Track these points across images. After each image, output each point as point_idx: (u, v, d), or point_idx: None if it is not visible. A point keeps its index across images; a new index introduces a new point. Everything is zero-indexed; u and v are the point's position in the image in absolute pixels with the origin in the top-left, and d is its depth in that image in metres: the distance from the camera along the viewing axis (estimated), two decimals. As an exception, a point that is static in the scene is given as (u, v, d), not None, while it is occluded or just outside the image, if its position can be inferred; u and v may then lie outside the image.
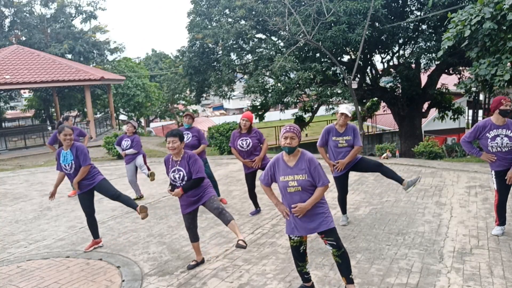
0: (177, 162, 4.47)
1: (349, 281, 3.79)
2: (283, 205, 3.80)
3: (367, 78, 17.55)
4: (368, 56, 16.74)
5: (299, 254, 3.83)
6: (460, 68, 16.13)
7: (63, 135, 5.13)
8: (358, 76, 16.76)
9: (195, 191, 4.51)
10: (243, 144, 6.34)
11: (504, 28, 7.72)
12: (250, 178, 6.55)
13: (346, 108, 5.46)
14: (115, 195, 5.38)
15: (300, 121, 18.45)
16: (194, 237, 4.69)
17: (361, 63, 15.88)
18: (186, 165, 4.43)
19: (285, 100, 14.93)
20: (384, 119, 26.94)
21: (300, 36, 13.55)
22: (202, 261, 4.80)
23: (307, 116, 18.34)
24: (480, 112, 19.80)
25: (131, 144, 7.74)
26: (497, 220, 5.15)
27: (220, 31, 16.28)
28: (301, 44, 13.81)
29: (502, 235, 5.08)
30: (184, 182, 4.45)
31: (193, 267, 4.71)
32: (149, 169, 8.02)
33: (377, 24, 14.29)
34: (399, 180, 5.53)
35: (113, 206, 7.49)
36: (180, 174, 4.44)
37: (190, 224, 4.66)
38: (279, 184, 3.77)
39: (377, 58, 17.72)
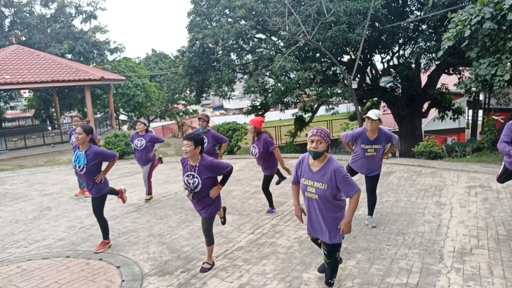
0: (193, 167, 4.37)
1: (328, 283, 3.89)
2: (299, 211, 3.84)
3: (367, 78, 17.55)
4: (368, 56, 16.74)
5: (318, 244, 4.04)
6: (460, 68, 16.12)
7: (75, 132, 5.21)
8: (358, 76, 16.76)
9: (202, 203, 4.47)
10: (252, 151, 6.27)
11: (504, 28, 7.72)
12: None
13: (373, 112, 5.26)
14: (98, 215, 5.38)
15: (300, 121, 18.47)
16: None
17: (361, 63, 15.87)
18: (205, 172, 4.33)
19: (285, 100, 14.93)
20: (384, 119, 26.89)
21: (300, 36, 13.55)
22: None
23: (307, 116, 18.35)
24: (480, 112, 19.77)
25: (145, 143, 7.34)
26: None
27: (220, 31, 16.28)
28: (301, 44, 13.81)
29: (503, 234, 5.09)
30: (197, 190, 4.37)
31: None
32: (150, 191, 7.79)
33: (377, 24, 14.29)
34: (370, 212, 5.76)
35: (113, 206, 7.49)
36: (194, 181, 4.36)
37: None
38: (300, 185, 3.75)
39: (377, 58, 17.73)
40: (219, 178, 4.58)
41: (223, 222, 5.24)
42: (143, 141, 7.39)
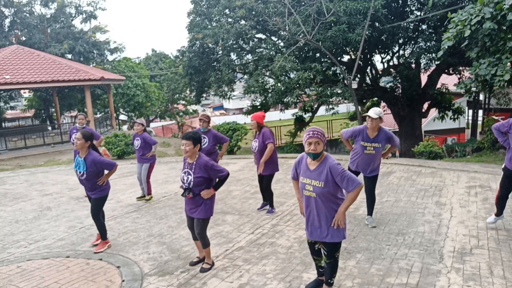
0: (190, 165, 4.44)
1: (328, 283, 3.88)
2: (302, 204, 3.86)
3: (367, 78, 17.54)
4: (368, 56, 16.73)
5: (314, 251, 3.95)
6: (460, 68, 16.11)
7: (75, 138, 5.18)
8: (358, 76, 16.75)
9: (194, 202, 4.48)
10: (252, 146, 6.35)
11: (504, 28, 7.72)
12: (259, 178, 6.64)
13: (373, 110, 5.24)
14: (96, 216, 5.38)
15: (300, 121, 18.46)
16: (194, 236, 4.73)
17: (361, 63, 15.87)
18: (199, 171, 4.36)
19: (285, 100, 14.93)
20: (384, 119, 26.86)
21: (300, 36, 13.54)
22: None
23: (307, 116, 18.34)
24: (480, 112, 19.76)
25: (140, 143, 7.48)
26: (496, 211, 5.28)
27: (220, 31, 16.28)
28: (301, 44, 13.80)
29: (501, 233, 5.09)
30: (190, 186, 4.41)
31: (195, 263, 4.77)
32: (150, 191, 7.79)
33: (377, 24, 14.28)
34: (370, 212, 5.72)
35: (113, 206, 7.49)
36: (188, 178, 4.42)
37: (190, 225, 4.71)
38: (299, 183, 3.78)
39: (377, 58, 17.72)
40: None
41: (195, 263, 4.81)
42: (139, 140, 7.59)
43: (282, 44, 16.22)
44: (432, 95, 16.71)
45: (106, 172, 5.36)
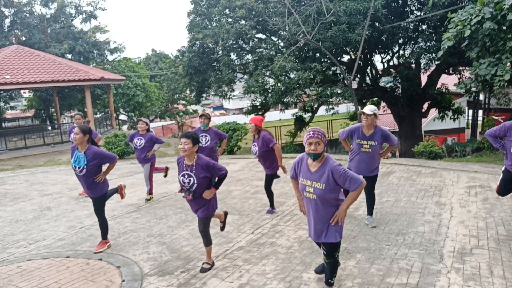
0: (189, 166, 4.37)
1: (328, 283, 3.88)
2: (303, 202, 3.87)
3: (367, 78, 17.54)
4: (368, 56, 16.73)
5: (318, 243, 4.01)
6: (460, 68, 16.12)
7: (73, 133, 5.15)
8: (358, 76, 16.76)
9: (198, 203, 4.48)
10: (253, 150, 6.30)
11: (504, 28, 7.72)
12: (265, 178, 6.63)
13: (368, 107, 5.24)
14: (99, 214, 5.39)
15: (300, 121, 18.47)
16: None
17: (361, 63, 15.87)
18: (201, 171, 4.32)
19: (285, 100, 14.93)
20: (384, 119, 26.92)
21: (300, 36, 13.55)
22: (224, 222, 5.05)
23: (307, 116, 18.35)
24: (480, 112, 19.77)
25: (145, 143, 7.35)
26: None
27: (220, 31, 16.29)
28: (301, 44, 13.80)
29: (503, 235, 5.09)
30: (192, 189, 4.36)
31: (222, 228, 5.10)
32: (151, 191, 7.77)
33: (377, 24, 14.29)
34: (370, 212, 5.73)
35: (113, 206, 7.49)
36: (190, 180, 4.35)
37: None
38: (299, 184, 3.77)
39: (377, 58, 17.73)
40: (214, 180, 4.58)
41: (222, 228, 5.19)
42: (142, 140, 7.43)
43: (282, 44, 16.23)
44: (432, 95, 16.72)
45: (104, 169, 5.35)
